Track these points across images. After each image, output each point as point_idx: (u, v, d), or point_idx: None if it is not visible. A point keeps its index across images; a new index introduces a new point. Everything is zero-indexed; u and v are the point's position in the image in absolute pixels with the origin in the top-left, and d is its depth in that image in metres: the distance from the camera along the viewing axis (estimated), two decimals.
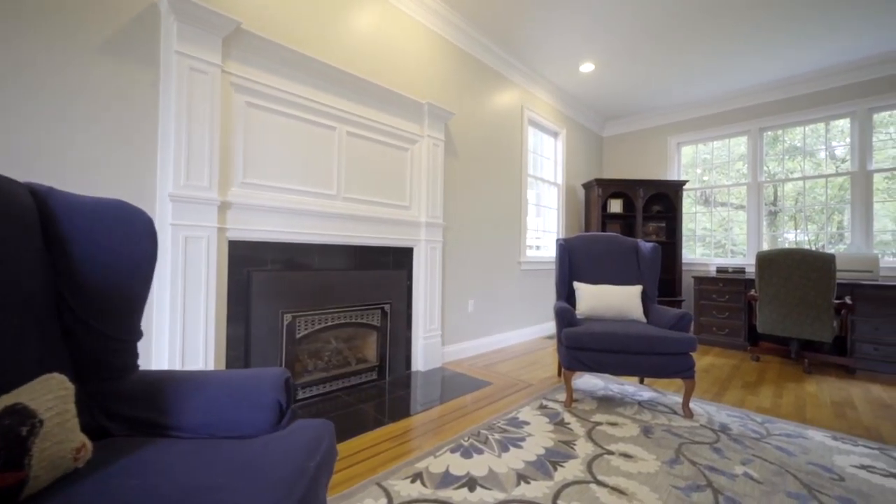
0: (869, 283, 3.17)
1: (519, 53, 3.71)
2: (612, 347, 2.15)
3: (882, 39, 3.35)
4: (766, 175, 4.48)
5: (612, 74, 4.09)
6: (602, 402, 2.32)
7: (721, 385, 2.73)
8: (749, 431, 1.97)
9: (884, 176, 3.80)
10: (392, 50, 2.86)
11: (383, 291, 2.74)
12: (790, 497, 1.43)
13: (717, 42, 3.43)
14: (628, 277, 2.71)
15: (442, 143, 3.05)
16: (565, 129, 4.73)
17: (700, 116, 4.78)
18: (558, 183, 4.68)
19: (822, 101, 4.02)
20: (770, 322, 3.23)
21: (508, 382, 2.69)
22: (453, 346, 3.26)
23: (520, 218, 4.01)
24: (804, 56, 3.64)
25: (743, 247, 4.58)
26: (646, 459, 1.67)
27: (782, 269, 3.11)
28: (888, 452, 1.78)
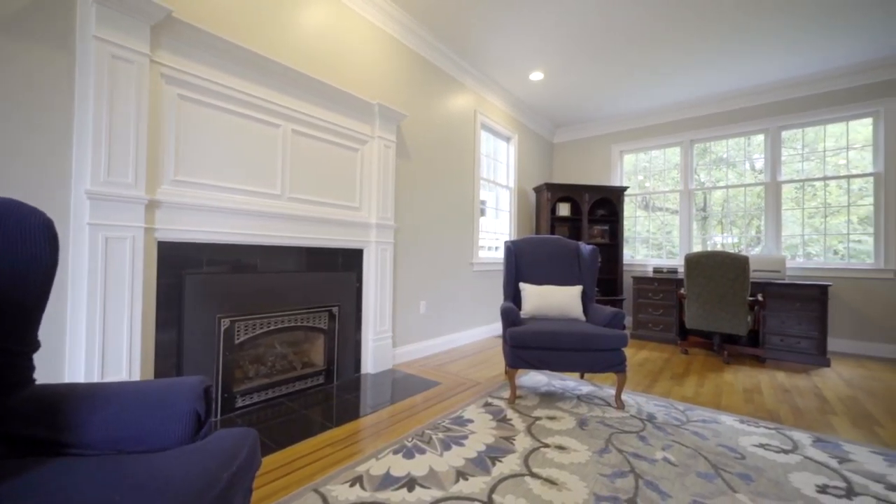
0: (777, 282, 3.56)
1: (472, 59, 3.78)
2: (551, 345, 2.26)
3: (789, 65, 3.78)
4: (696, 183, 4.89)
5: (560, 84, 4.28)
6: (544, 398, 2.43)
7: (653, 377, 2.96)
8: (672, 419, 2.15)
9: (793, 186, 4.28)
10: (342, 49, 2.82)
11: (332, 294, 2.69)
12: (699, 476, 1.58)
13: (655, 61, 3.70)
14: (570, 278, 2.86)
15: (393, 144, 3.05)
16: (517, 134, 4.88)
17: (640, 127, 5.12)
18: (510, 186, 4.83)
19: (742, 118, 4.46)
20: (696, 318, 3.54)
21: (457, 382, 2.74)
22: (405, 347, 3.27)
23: (472, 220, 4.09)
24: (727, 77, 4.02)
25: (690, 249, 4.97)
26: (578, 450, 1.77)
27: (706, 270, 3.41)
28: (782, 431, 2.02)
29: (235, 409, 2.15)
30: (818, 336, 3.36)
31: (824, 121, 4.07)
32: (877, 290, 3.72)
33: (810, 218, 4.19)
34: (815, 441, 1.92)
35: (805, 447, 1.86)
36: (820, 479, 1.59)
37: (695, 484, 1.53)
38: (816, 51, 3.50)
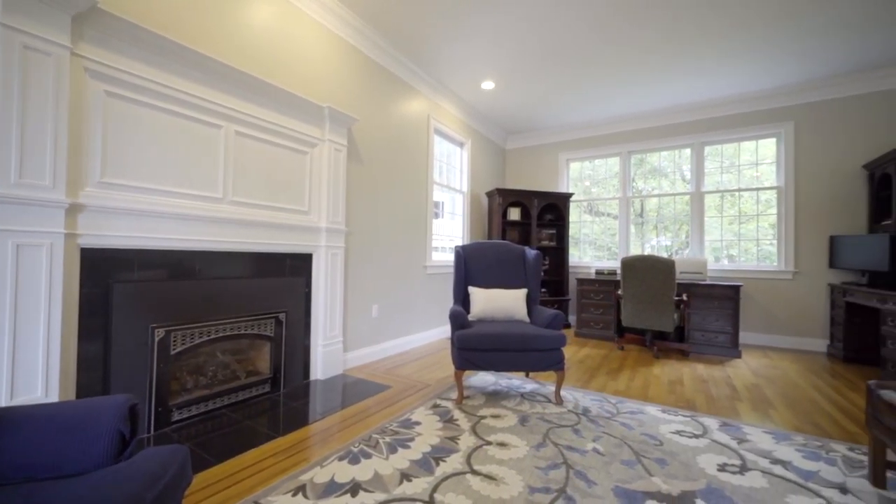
0: (700, 283, 3.95)
1: (426, 65, 3.84)
2: (496, 347, 2.38)
3: (711, 89, 4.20)
4: (633, 191, 5.28)
5: (510, 94, 4.45)
6: (490, 397, 2.54)
7: (591, 373, 3.18)
8: (604, 412, 2.34)
9: (715, 196, 4.76)
10: (291, 51, 2.76)
11: (279, 300, 2.63)
12: (623, 464, 1.75)
13: (596, 77, 3.96)
14: (516, 281, 3.00)
15: (344, 147, 3.03)
16: (470, 140, 5.01)
17: (585, 137, 5.45)
18: (463, 191, 4.94)
19: (672, 133, 4.88)
20: (631, 316, 3.84)
21: (407, 385, 2.79)
22: (356, 351, 3.26)
23: (426, 223, 4.15)
24: (659, 96, 4.39)
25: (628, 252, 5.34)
26: (518, 446, 1.89)
27: (639, 273, 3.72)
28: (696, 418, 2.27)
29: (171, 424, 2.05)
30: (732, 331, 3.78)
31: (739, 139, 4.57)
32: (779, 288, 4.25)
33: (730, 224, 4.69)
34: (722, 425, 2.18)
35: (713, 431, 2.10)
36: (721, 458, 1.81)
37: (618, 471, 1.69)
38: (733, 77, 3.93)
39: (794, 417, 2.35)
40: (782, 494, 1.54)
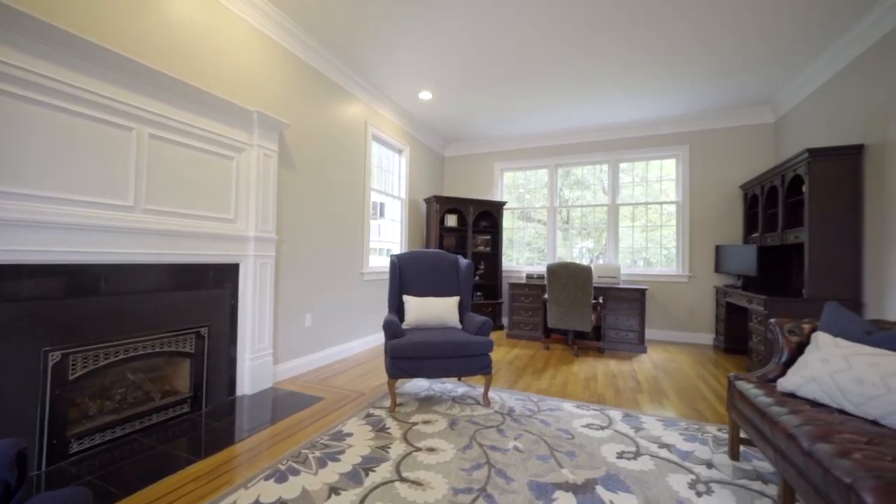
0: (613, 287, 4.41)
1: (364, 73, 3.82)
2: (427, 355, 2.48)
3: (625, 112, 4.70)
4: (560, 201, 5.71)
5: (447, 105, 4.59)
6: (423, 402, 2.64)
7: (518, 373, 3.41)
8: (527, 411, 2.55)
9: (628, 207, 5.32)
10: (220, 51, 2.62)
11: (201, 313, 2.48)
12: (538, 459, 1.94)
13: (530, 95, 4.23)
14: (449, 289, 3.13)
15: (275, 153, 2.93)
16: (409, 147, 5.07)
17: (517, 149, 5.78)
18: (402, 197, 4.99)
19: (592, 150, 5.37)
20: (555, 318, 4.18)
21: (341, 395, 2.78)
22: (287, 363, 3.17)
23: (363, 230, 4.14)
24: (582, 115, 4.81)
25: (555, 257, 5.74)
26: (445, 450, 2.00)
27: (561, 279, 4.06)
28: (604, 411, 2.57)
29: (70, 456, 1.86)
30: (639, 329, 4.28)
31: (648, 157, 5.16)
32: (677, 290, 4.88)
33: (642, 232, 5.28)
34: (624, 416, 2.49)
35: (616, 422, 2.40)
36: (621, 447, 2.08)
37: (534, 466, 1.87)
38: (643, 104, 4.44)
39: (682, 405, 2.75)
40: (664, 474, 1.82)
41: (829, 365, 1.52)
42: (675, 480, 1.77)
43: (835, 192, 3.06)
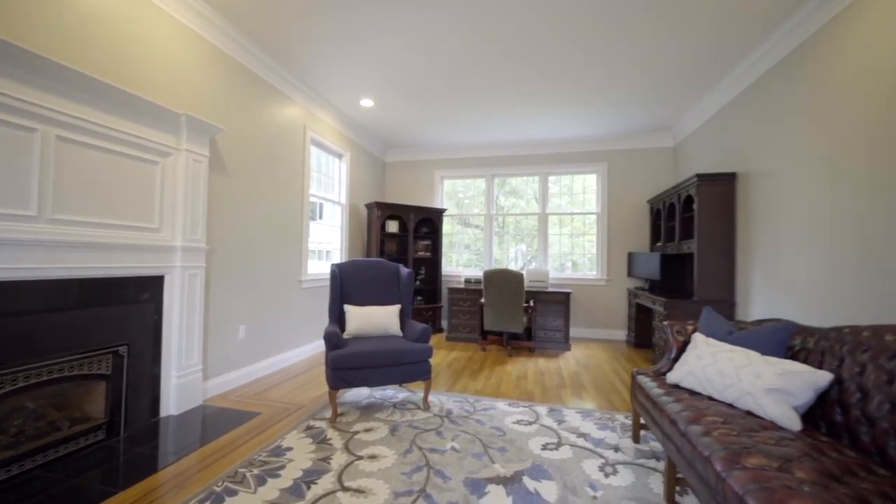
0: (542, 291, 4.80)
1: (303, 77, 3.74)
2: (369, 364, 2.54)
3: (553, 130, 5.12)
4: (496, 208, 6.05)
5: (389, 113, 4.65)
6: (364, 411, 2.70)
7: (457, 375, 3.60)
8: (464, 412, 2.72)
9: (556, 217, 5.80)
10: (146, 50, 2.45)
11: (119, 331, 2.30)
12: (474, 457, 2.11)
13: (470, 109, 4.44)
14: (390, 298, 3.21)
15: (206, 158, 2.79)
16: (350, 151, 5.04)
17: (457, 158, 6.00)
18: (342, 202, 4.94)
19: (525, 163, 5.77)
20: (491, 321, 4.44)
21: (279, 409, 2.74)
22: (219, 378, 3.02)
23: (301, 237, 4.04)
24: (516, 130, 5.15)
25: (492, 260, 6.04)
26: (387, 456, 2.09)
27: (497, 284, 4.33)
28: (532, 407, 2.83)
29: None
30: (564, 329, 4.71)
31: (573, 172, 5.67)
32: (597, 292, 5.45)
33: (569, 238, 5.78)
34: (549, 411, 2.77)
35: (542, 417, 2.66)
36: (545, 439, 2.33)
37: (470, 464, 2.04)
38: (569, 124, 4.88)
39: (598, 397, 3.12)
40: (580, 460, 2.09)
41: (701, 360, 1.88)
42: (588, 465, 2.04)
43: (716, 211, 3.67)
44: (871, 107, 2.18)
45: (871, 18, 2.19)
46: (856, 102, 2.28)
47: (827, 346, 1.66)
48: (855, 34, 2.30)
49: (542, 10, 2.73)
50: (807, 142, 2.69)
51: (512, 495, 1.76)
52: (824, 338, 1.71)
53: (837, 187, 2.41)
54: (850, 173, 2.32)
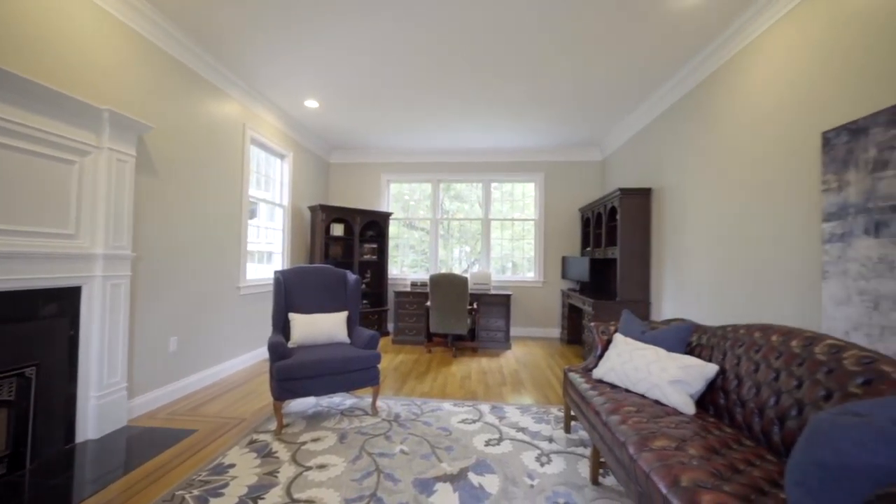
0: (485, 293, 5.04)
1: (240, 72, 3.56)
2: (316, 373, 2.53)
3: (497, 140, 5.39)
4: (441, 213, 6.20)
5: (335, 116, 4.57)
6: (311, 420, 2.67)
7: (403, 379, 3.67)
8: (411, 415, 2.81)
9: (498, 222, 6.09)
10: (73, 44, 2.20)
11: (25, 350, 2.05)
12: (422, 458, 2.21)
13: (417, 116, 4.52)
14: (337, 305, 3.20)
15: (132, 158, 2.57)
16: (293, 152, 4.87)
17: (404, 162, 6.06)
18: (284, 204, 4.77)
19: (470, 170, 5.99)
20: (437, 323, 4.58)
21: (218, 424, 2.61)
22: (147, 394, 2.80)
23: (239, 241, 3.85)
24: (461, 139, 5.33)
25: (437, 262, 6.16)
26: (336, 464, 2.12)
27: (442, 288, 4.48)
28: (476, 406, 3.00)
29: None
30: (505, 329, 4.99)
31: (513, 180, 6.01)
32: (535, 294, 5.83)
33: (510, 242, 6.11)
34: (492, 409, 2.96)
35: (485, 415, 2.84)
36: (488, 436, 2.50)
37: (418, 465, 2.14)
38: (509, 136, 5.17)
39: (535, 392, 3.38)
40: (519, 453, 2.29)
41: (620, 357, 2.16)
42: (526, 457, 2.24)
43: (635, 221, 4.14)
44: (746, 149, 2.64)
45: (750, 71, 2.65)
46: (736, 141, 2.75)
47: (715, 342, 2.01)
48: (739, 82, 2.77)
49: (480, 41, 2.90)
50: (701, 167, 3.17)
51: (458, 491, 1.90)
52: (713, 335, 2.06)
53: (724, 210, 2.88)
54: (731, 201, 2.78)
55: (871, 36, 1.85)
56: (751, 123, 2.64)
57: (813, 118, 2.15)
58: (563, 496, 1.87)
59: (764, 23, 2.51)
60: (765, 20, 2.50)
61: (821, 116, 2.10)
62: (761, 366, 1.67)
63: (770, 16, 2.45)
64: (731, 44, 2.81)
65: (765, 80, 2.52)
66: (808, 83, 2.19)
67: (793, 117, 2.29)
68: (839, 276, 1.95)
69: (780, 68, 2.40)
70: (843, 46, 1.99)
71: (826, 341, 1.50)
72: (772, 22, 2.46)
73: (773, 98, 2.45)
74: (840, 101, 2.00)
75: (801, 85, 2.24)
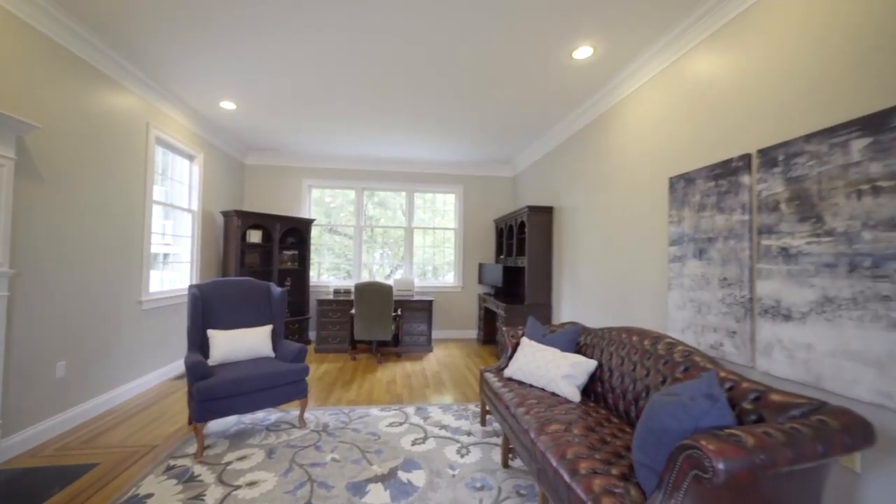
0: (409, 300, 5.27)
1: (147, 68, 3.27)
2: (243, 390, 2.51)
3: (420, 152, 5.65)
4: (365, 220, 6.27)
5: (254, 118, 4.39)
6: (234, 439, 2.63)
7: (329, 389, 3.72)
8: (340, 423, 2.92)
9: (422, 230, 6.36)
10: None
11: None
12: (353, 463, 2.36)
13: (342, 125, 4.54)
14: (261, 319, 3.15)
15: (10, 161, 2.25)
16: (203, 152, 4.53)
17: (327, 168, 5.99)
18: (193, 209, 4.42)
19: (394, 179, 6.17)
20: (361, 331, 4.68)
21: (124, 454, 2.43)
22: (28, 430, 2.46)
23: (142, 252, 3.51)
24: (386, 149, 5.48)
25: (361, 267, 6.18)
26: (267, 479, 2.16)
27: (368, 296, 4.60)
28: (402, 409, 3.22)
29: None
30: (427, 332, 5.28)
31: (435, 191, 6.34)
32: (454, 298, 6.24)
33: (431, 248, 6.41)
34: (417, 410, 3.20)
35: (411, 416, 3.07)
36: (414, 436, 2.74)
37: (350, 470, 2.28)
38: (432, 150, 5.47)
39: (456, 391, 3.71)
40: (442, 448, 2.57)
41: (526, 358, 2.57)
42: (448, 451, 2.53)
43: (540, 235, 4.74)
44: (621, 183, 3.30)
45: (623, 121, 3.31)
46: (615, 176, 3.40)
47: (596, 342, 2.52)
48: (616, 129, 3.42)
49: (391, 74, 3.14)
50: (589, 194, 3.81)
51: (389, 489, 2.10)
52: (595, 336, 2.58)
53: (605, 231, 3.53)
54: (611, 224, 3.43)
55: (701, 109, 2.51)
56: (624, 163, 3.30)
57: (664, 166, 2.81)
58: (480, 480, 2.19)
59: (632, 85, 3.16)
60: (633, 83, 3.15)
61: (668, 165, 2.76)
62: (625, 360, 2.18)
63: (636, 80, 3.11)
64: (610, 96, 3.46)
65: (633, 129, 3.18)
66: (661, 138, 2.85)
67: (651, 163, 2.95)
68: (678, 288, 2.59)
69: (643, 122, 3.06)
70: (682, 113, 2.65)
71: (665, 340, 2.05)
72: (638, 85, 3.11)
73: (638, 145, 3.11)
74: (680, 156, 2.66)
75: (656, 138, 2.90)
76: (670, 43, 2.69)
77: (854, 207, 1.62)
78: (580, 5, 2.41)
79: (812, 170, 1.78)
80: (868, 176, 1.57)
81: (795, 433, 1.13)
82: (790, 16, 1.94)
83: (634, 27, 2.63)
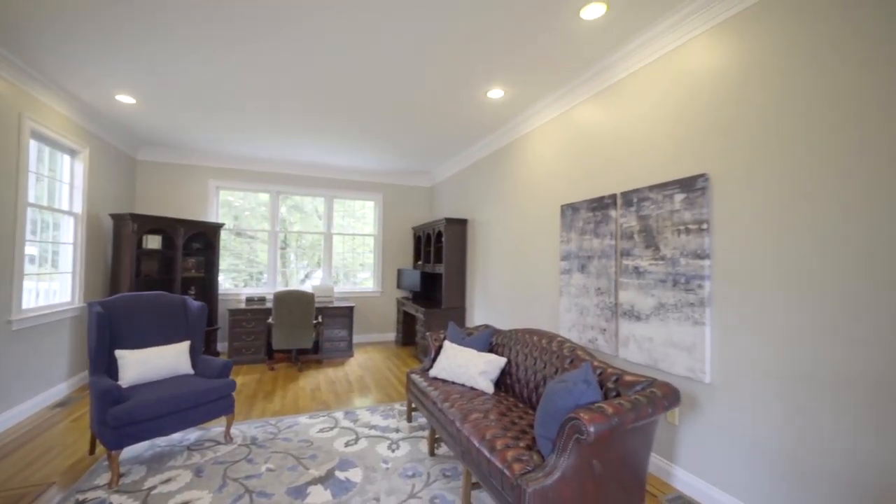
0: (329, 306, 5.31)
1: (22, 51, 2.83)
2: (164, 412, 2.42)
3: (340, 160, 5.69)
4: (280, 225, 6.06)
5: (155, 114, 4.01)
6: (152, 463, 2.50)
7: (250, 402, 3.65)
8: (269, 435, 2.95)
9: (341, 236, 6.38)
10: None
11: None
12: (289, 470, 2.47)
13: (255, 127, 4.38)
14: (176, 335, 2.99)
15: None
16: (89, 147, 3.98)
17: (238, 169, 5.65)
18: (76, 212, 3.86)
19: (313, 185, 6.09)
20: (281, 339, 4.60)
21: (12, 498, 2.16)
22: None
23: (12, 263, 3.01)
24: (305, 155, 5.41)
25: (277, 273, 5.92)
26: (201, 498, 2.17)
27: (288, 304, 4.54)
28: (330, 415, 3.36)
29: None
30: (348, 338, 5.38)
31: (355, 198, 6.42)
32: (374, 302, 6.41)
33: (350, 253, 6.47)
34: (345, 414, 3.37)
35: (341, 421, 3.24)
36: (346, 438, 2.93)
37: (288, 477, 2.39)
38: (352, 158, 5.56)
39: (380, 393, 3.95)
40: (374, 446, 2.81)
41: (449, 359, 2.95)
42: (380, 448, 2.79)
43: (456, 244, 5.22)
44: (525, 204, 3.91)
45: (528, 151, 3.92)
46: (521, 197, 4.01)
47: (506, 342, 3.02)
48: (522, 156, 4.03)
49: (312, 84, 3.29)
50: (500, 210, 4.39)
51: (329, 488, 2.28)
52: (505, 336, 3.08)
53: (513, 244, 4.13)
54: (517, 238, 4.03)
55: (586, 153, 3.18)
56: (527, 187, 3.91)
57: (557, 194, 3.45)
58: (411, 469, 2.50)
59: (536, 122, 3.78)
60: (536, 121, 3.77)
61: (561, 194, 3.41)
62: (528, 356, 2.70)
63: (538, 120, 3.73)
64: (518, 129, 4.05)
65: (535, 160, 3.80)
66: (556, 170, 3.49)
67: (548, 190, 3.59)
68: (567, 295, 3.24)
69: (543, 155, 3.69)
70: (573, 153, 3.30)
71: (557, 339, 2.61)
72: (540, 124, 3.74)
73: (539, 172, 3.73)
74: (570, 188, 3.31)
75: (553, 170, 3.54)
76: (564, 95, 3.32)
77: (676, 241, 2.33)
78: (495, 57, 2.87)
79: (653, 211, 2.48)
80: (683, 220, 2.29)
81: (637, 402, 1.69)
82: (644, 93, 2.64)
83: (536, 81, 3.20)
